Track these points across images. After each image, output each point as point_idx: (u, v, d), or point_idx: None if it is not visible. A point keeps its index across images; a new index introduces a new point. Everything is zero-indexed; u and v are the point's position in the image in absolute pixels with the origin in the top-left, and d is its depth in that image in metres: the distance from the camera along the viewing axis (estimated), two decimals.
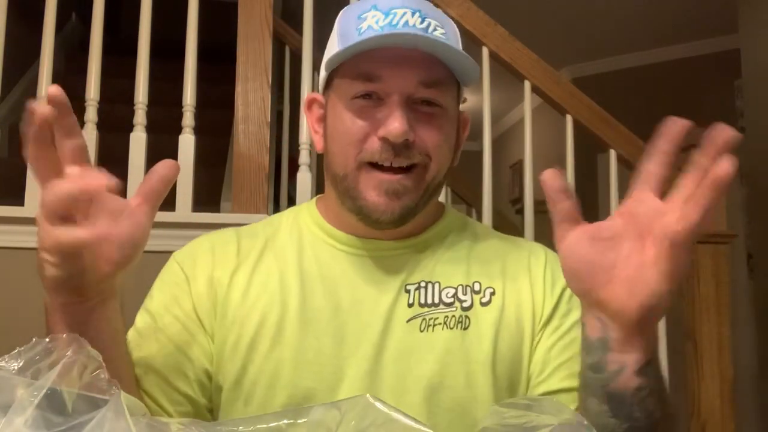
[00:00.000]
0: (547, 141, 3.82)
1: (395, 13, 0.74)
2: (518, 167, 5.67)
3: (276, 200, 2.91)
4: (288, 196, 2.95)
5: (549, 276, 0.81)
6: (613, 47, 4.44)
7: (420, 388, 0.74)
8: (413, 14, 0.75)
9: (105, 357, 0.51)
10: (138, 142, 1.90)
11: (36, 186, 1.72)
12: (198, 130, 1.95)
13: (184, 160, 1.90)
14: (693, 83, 4.21)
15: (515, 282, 0.81)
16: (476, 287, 0.79)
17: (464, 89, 0.84)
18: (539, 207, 2.49)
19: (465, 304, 0.78)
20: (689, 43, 4.28)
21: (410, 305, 0.78)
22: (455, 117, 0.81)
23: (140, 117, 1.92)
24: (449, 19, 0.80)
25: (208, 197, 2.36)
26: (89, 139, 1.82)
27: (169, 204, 1.81)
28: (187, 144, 1.92)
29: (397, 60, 0.74)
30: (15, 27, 2.13)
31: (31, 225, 2.00)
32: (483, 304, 0.78)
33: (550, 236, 0.64)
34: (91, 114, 1.89)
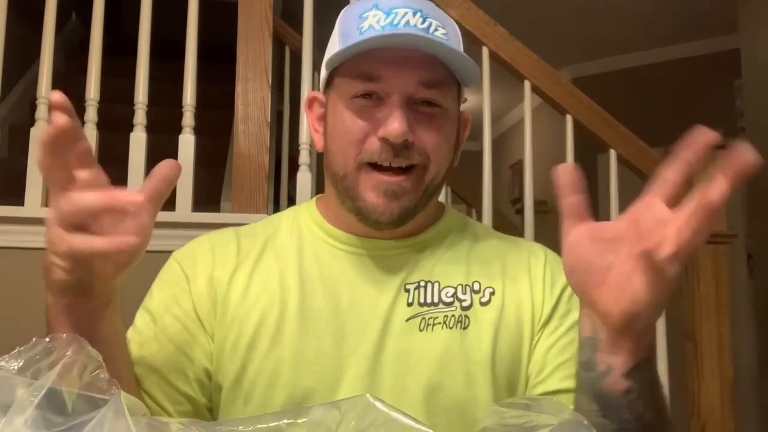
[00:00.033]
0: (547, 141, 3.82)
1: (396, 13, 0.74)
2: (518, 167, 5.67)
3: (276, 200, 2.91)
4: (288, 196, 2.95)
5: (548, 276, 0.81)
6: (613, 47, 4.43)
7: (419, 388, 0.74)
8: (414, 14, 0.74)
9: (106, 356, 0.51)
10: (138, 142, 1.90)
11: (36, 186, 1.71)
12: (198, 130, 1.95)
13: (184, 160, 1.90)
14: (693, 83, 4.21)
15: (515, 282, 0.80)
16: (476, 287, 0.79)
17: (464, 89, 0.84)
18: (539, 207, 2.50)
19: (464, 304, 0.78)
20: (689, 43, 4.28)
21: (409, 304, 0.78)
22: (455, 117, 0.81)
23: (140, 117, 1.92)
24: (450, 20, 0.80)
25: (208, 197, 2.36)
26: (89, 139, 1.82)
27: (169, 204, 1.80)
28: (187, 144, 1.92)
29: (398, 60, 0.74)
30: (15, 27, 2.13)
31: (31, 225, 1.99)
32: (482, 304, 0.78)
33: (550, 236, 0.63)
34: (91, 114, 1.89)
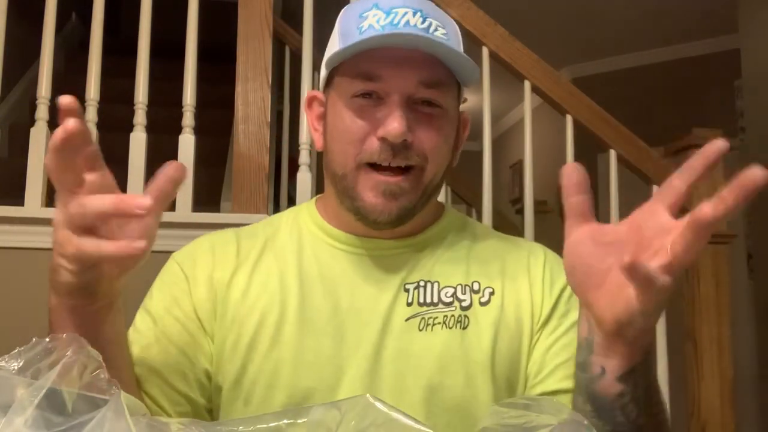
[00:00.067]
0: (547, 141, 3.82)
1: (396, 13, 0.74)
2: (518, 167, 5.67)
3: (276, 200, 2.91)
4: (288, 196, 2.95)
5: (548, 276, 0.81)
6: (613, 47, 4.43)
7: (419, 388, 0.74)
8: (414, 14, 0.74)
9: (108, 357, 0.51)
10: (138, 142, 1.90)
11: (36, 186, 1.71)
12: (198, 130, 1.95)
13: (184, 160, 1.90)
14: (693, 83, 4.21)
15: (514, 282, 0.80)
16: (475, 287, 0.79)
17: (464, 89, 0.83)
18: (539, 207, 2.49)
19: (464, 304, 0.78)
20: (689, 43, 4.28)
21: (409, 304, 0.78)
22: (455, 117, 0.81)
23: (140, 117, 1.92)
24: (450, 19, 0.80)
25: (208, 197, 2.36)
26: None
27: (169, 204, 1.80)
28: (187, 144, 1.92)
29: (398, 60, 0.74)
30: (15, 27, 2.13)
31: (31, 225, 1.99)
32: (482, 304, 0.78)
33: (550, 236, 0.63)
34: (91, 114, 1.89)
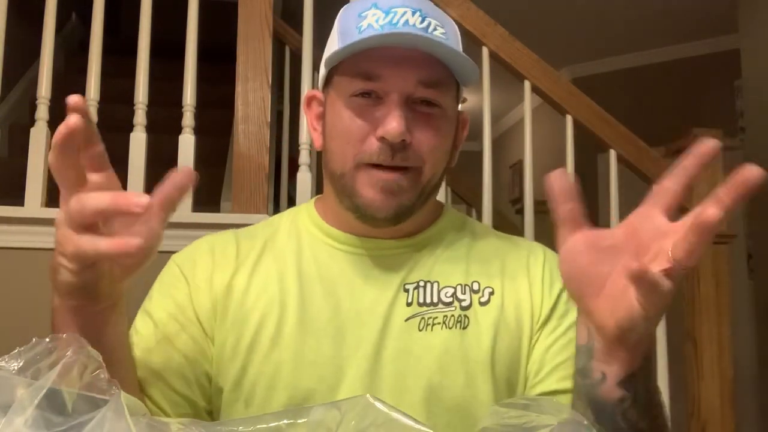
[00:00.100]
0: (547, 141, 3.82)
1: (395, 12, 0.74)
2: (518, 167, 5.67)
3: (276, 200, 2.91)
4: (288, 196, 2.95)
5: (548, 276, 0.81)
6: (613, 47, 4.44)
7: (419, 388, 0.74)
8: (413, 13, 0.74)
9: (111, 359, 0.51)
10: (138, 142, 1.90)
11: (36, 186, 1.71)
12: (198, 130, 1.95)
13: (184, 160, 1.90)
14: (693, 83, 4.21)
15: (514, 281, 0.80)
16: (475, 287, 0.79)
17: (464, 89, 0.83)
18: (539, 207, 2.49)
19: (464, 304, 0.78)
20: (689, 43, 4.28)
21: (409, 304, 0.78)
22: (454, 117, 0.81)
23: (140, 117, 1.92)
24: (449, 19, 0.80)
25: (208, 197, 2.36)
26: None
27: None
28: (187, 144, 1.92)
29: (397, 59, 0.74)
30: (15, 27, 2.13)
31: (31, 225, 1.99)
32: (482, 304, 0.78)
33: (550, 236, 0.63)
34: (91, 114, 1.89)
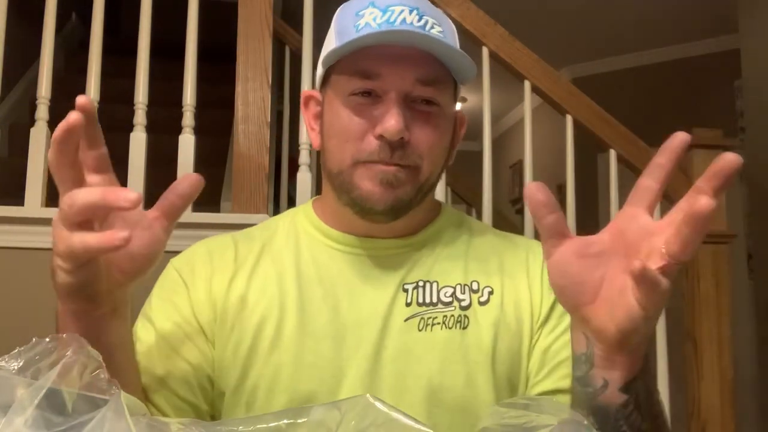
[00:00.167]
0: (547, 141, 3.82)
1: (393, 11, 0.74)
2: (518, 167, 5.67)
3: (276, 200, 2.91)
4: (288, 196, 2.94)
5: (546, 274, 0.81)
6: (613, 47, 4.44)
7: (420, 388, 0.74)
8: (411, 12, 0.74)
9: (113, 364, 0.51)
10: (138, 142, 1.90)
11: (36, 186, 1.72)
12: (198, 130, 1.95)
13: (184, 160, 1.90)
14: (693, 83, 4.21)
15: (513, 280, 0.80)
16: (474, 286, 0.79)
17: (463, 88, 0.83)
18: None
19: (463, 304, 0.78)
20: (689, 43, 4.28)
21: (408, 304, 0.78)
22: (452, 115, 0.81)
23: (140, 117, 1.92)
24: (446, 17, 0.80)
25: (208, 197, 2.35)
26: None
27: None
28: (187, 144, 1.92)
29: (395, 58, 0.74)
30: (15, 27, 2.13)
31: (31, 225, 1.99)
32: (481, 304, 0.78)
33: None
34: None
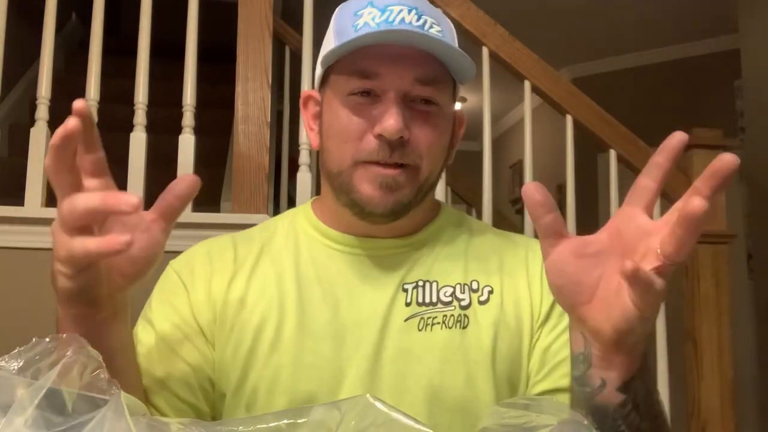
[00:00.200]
0: (547, 141, 3.82)
1: (391, 10, 0.74)
2: (518, 167, 5.67)
3: (276, 200, 2.91)
4: (288, 196, 2.94)
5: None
6: (613, 47, 4.43)
7: (420, 388, 0.74)
8: (410, 11, 0.74)
9: (115, 368, 0.51)
10: (138, 142, 1.90)
11: (36, 186, 1.72)
12: (198, 130, 1.95)
13: (184, 160, 1.90)
14: (693, 83, 4.21)
15: (513, 279, 0.80)
16: (474, 286, 0.79)
17: (463, 88, 0.83)
18: None
19: (463, 303, 0.78)
20: (689, 43, 4.28)
21: (408, 304, 0.78)
22: (451, 115, 0.81)
23: (140, 117, 1.92)
24: (445, 17, 0.80)
25: (208, 197, 2.36)
26: None
27: None
28: (187, 144, 1.92)
29: (394, 57, 0.74)
30: (15, 27, 2.13)
31: (31, 225, 1.99)
32: (481, 303, 0.78)
33: None
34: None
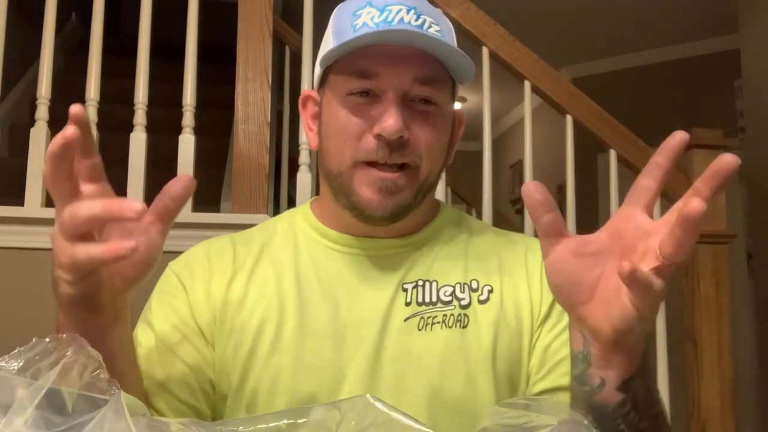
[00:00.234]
0: (547, 141, 3.82)
1: (390, 10, 0.74)
2: (518, 167, 5.67)
3: (276, 200, 2.91)
4: (288, 196, 2.94)
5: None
6: (613, 47, 4.43)
7: (420, 388, 0.74)
8: (408, 11, 0.74)
9: (116, 371, 0.51)
10: (138, 142, 1.90)
11: (36, 186, 1.72)
12: (198, 130, 1.95)
13: (184, 160, 1.90)
14: (693, 83, 4.21)
15: (512, 278, 0.80)
16: (474, 285, 0.79)
17: (463, 88, 0.83)
18: None
19: (463, 303, 0.78)
20: (689, 43, 4.28)
21: (408, 304, 0.78)
22: (450, 114, 0.81)
23: (140, 117, 1.92)
24: (444, 17, 0.80)
25: (208, 197, 2.36)
26: None
27: None
28: (187, 144, 1.92)
29: (393, 57, 0.73)
30: (15, 27, 2.13)
31: (31, 225, 1.99)
32: (481, 302, 0.78)
33: None
34: (91, 114, 1.89)
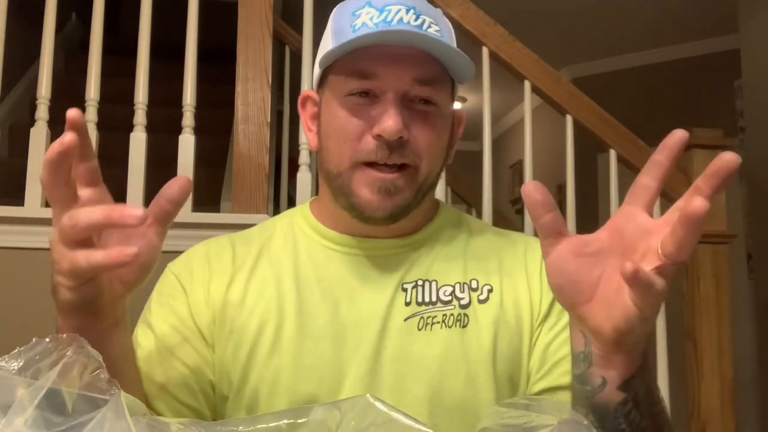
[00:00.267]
0: (547, 141, 3.82)
1: (390, 10, 0.74)
2: (518, 167, 5.67)
3: (276, 200, 2.91)
4: (288, 196, 2.94)
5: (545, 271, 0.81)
6: (613, 47, 4.43)
7: (420, 388, 0.74)
8: (408, 11, 0.74)
9: (116, 374, 0.51)
10: (138, 142, 1.90)
11: (36, 186, 1.72)
12: (198, 130, 1.95)
13: (184, 160, 1.90)
14: (693, 83, 4.21)
15: (512, 277, 0.80)
16: (473, 285, 0.79)
17: (463, 88, 0.83)
18: None
19: (463, 302, 0.78)
20: (689, 43, 4.28)
21: (407, 304, 0.78)
22: (450, 114, 0.81)
23: (140, 117, 1.92)
24: (443, 16, 0.80)
25: (208, 197, 2.36)
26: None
27: None
28: (187, 144, 1.92)
29: (392, 57, 0.73)
30: (15, 27, 2.13)
31: (31, 225, 1.99)
32: (481, 302, 0.78)
33: None
34: (91, 114, 1.89)
